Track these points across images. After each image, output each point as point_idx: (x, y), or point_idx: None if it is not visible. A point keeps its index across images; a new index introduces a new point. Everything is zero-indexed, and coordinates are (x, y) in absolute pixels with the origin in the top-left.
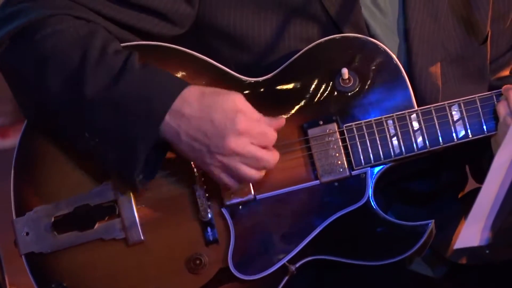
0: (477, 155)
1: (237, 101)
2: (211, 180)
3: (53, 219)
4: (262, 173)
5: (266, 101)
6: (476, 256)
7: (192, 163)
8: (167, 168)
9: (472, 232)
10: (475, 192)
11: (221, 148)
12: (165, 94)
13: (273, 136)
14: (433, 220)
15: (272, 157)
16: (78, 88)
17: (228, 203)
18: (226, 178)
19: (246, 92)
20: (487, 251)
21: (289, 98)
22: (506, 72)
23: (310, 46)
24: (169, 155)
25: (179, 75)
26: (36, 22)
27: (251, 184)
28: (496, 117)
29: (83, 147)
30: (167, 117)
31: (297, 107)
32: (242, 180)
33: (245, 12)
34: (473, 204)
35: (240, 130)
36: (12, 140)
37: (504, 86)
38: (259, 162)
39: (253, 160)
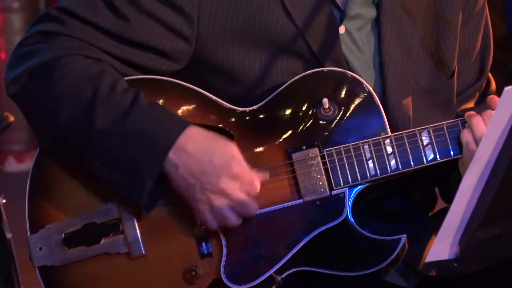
0: (445, 176)
1: (234, 150)
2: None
3: (63, 235)
4: (240, 220)
5: (255, 128)
6: (445, 268)
7: None
8: (167, 190)
9: (441, 247)
10: (444, 211)
11: (213, 186)
12: (169, 132)
13: (258, 187)
14: (405, 235)
15: (253, 205)
16: (90, 122)
17: (198, 233)
18: (209, 216)
19: (238, 120)
20: (455, 264)
21: (276, 125)
22: (471, 104)
23: (294, 78)
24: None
25: (178, 106)
26: (51, 61)
27: None
28: (461, 142)
29: (95, 174)
30: (171, 153)
31: (282, 133)
32: (222, 221)
33: (236, 50)
34: (442, 222)
35: (234, 174)
36: (27, 164)
37: (467, 113)
38: (242, 207)
39: (237, 204)
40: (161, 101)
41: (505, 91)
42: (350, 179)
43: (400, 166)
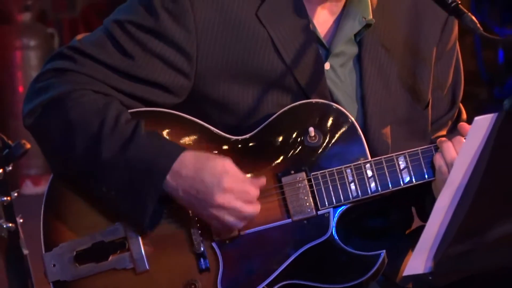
0: (421, 197)
1: (225, 164)
2: (203, 220)
3: (75, 253)
4: (245, 222)
5: (248, 155)
6: (421, 281)
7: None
8: (168, 210)
9: (418, 262)
10: (420, 229)
11: (210, 202)
12: (166, 158)
13: (255, 192)
14: (384, 251)
15: (252, 209)
16: (96, 150)
17: (217, 238)
18: (215, 225)
19: (232, 148)
20: (430, 278)
21: (266, 152)
22: (444, 132)
23: (283, 109)
24: (167, 203)
25: (177, 135)
26: (63, 95)
27: None
28: (434, 166)
29: (102, 197)
30: (168, 177)
31: (272, 159)
32: (226, 227)
33: (231, 85)
34: (418, 239)
35: (225, 188)
36: (42, 187)
37: (439, 139)
38: (241, 213)
39: (236, 212)
40: (162, 131)
41: (475, 121)
42: (334, 200)
43: (379, 188)
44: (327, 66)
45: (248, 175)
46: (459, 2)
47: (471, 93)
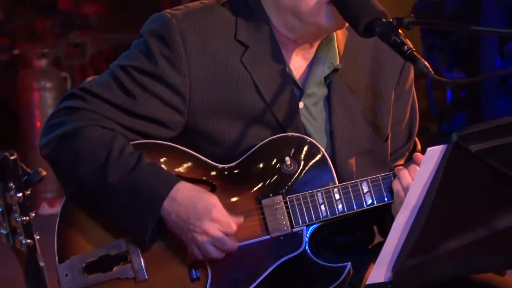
0: (381, 217)
1: (214, 199)
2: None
3: (84, 264)
4: (221, 254)
5: (233, 180)
6: None
7: None
8: (164, 229)
9: (379, 272)
10: (381, 244)
11: (197, 227)
12: (164, 186)
13: (234, 228)
14: (350, 263)
15: (231, 243)
16: (104, 178)
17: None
18: (196, 250)
19: (219, 174)
20: (390, 286)
21: (249, 178)
22: (402, 161)
23: (263, 141)
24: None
25: (173, 163)
26: (75, 130)
27: None
28: (393, 190)
29: (108, 216)
30: (165, 202)
31: (254, 184)
32: (206, 254)
33: (219, 120)
34: (379, 253)
35: (213, 217)
36: (57, 209)
37: (397, 167)
38: (222, 244)
39: (217, 241)
40: (160, 160)
41: (427, 151)
42: (307, 220)
43: (345, 209)
44: (301, 104)
45: (234, 199)
46: (414, 50)
47: (424, 127)
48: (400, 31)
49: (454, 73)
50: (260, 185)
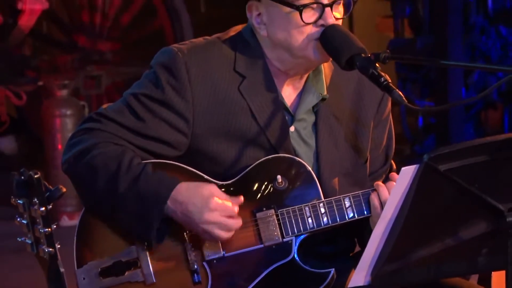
0: (361, 229)
1: (211, 188)
2: (196, 243)
3: (99, 269)
4: (231, 233)
5: (230, 196)
6: None
7: (184, 233)
8: (169, 235)
9: (359, 277)
10: (361, 252)
11: (201, 219)
12: (166, 188)
13: (234, 210)
14: (333, 269)
15: (235, 222)
16: (115, 185)
17: (207, 258)
18: (207, 237)
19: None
20: None
21: (245, 194)
22: (380, 181)
23: (258, 161)
24: (170, 227)
25: (175, 176)
26: (91, 147)
27: (221, 246)
28: (371, 205)
29: (119, 222)
30: (168, 202)
31: (249, 199)
32: (218, 239)
33: (218, 142)
34: (359, 260)
35: (211, 207)
36: (76, 221)
37: (376, 183)
38: (227, 226)
39: (222, 226)
40: (164, 172)
41: (402, 170)
42: (296, 231)
43: (330, 222)
44: (292, 129)
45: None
46: (390, 81)
47: (398, 149)
48: (377, 65)
49: (424, 101)
50: (254, 200)
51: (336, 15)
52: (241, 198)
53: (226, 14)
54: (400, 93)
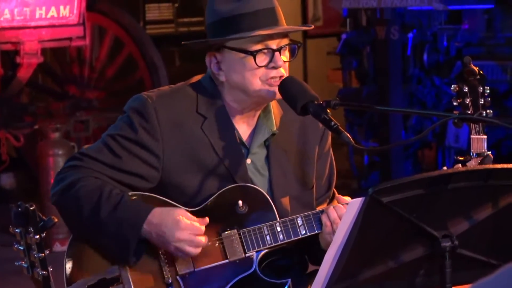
0: (312, 248)
1: (180, 212)
2: (170, 260)
3: (86, 287)
4: (199, 249)
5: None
6: None
7: (159, 251)
8: (146, 254)
9: None
10: (316, 271)
11: (173, 238)
12: (142, 213)
13: (201, 229)
14: (290, 279)
15: (202, 239)
16: (96, 214)
17: (180, 273)
18: (179, 254)
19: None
20: None
21: (211, 218)
22: (324, 205)
23: (221, 190)
24: (147, 247)
25: (150, 204)
26: (74, 181)
27: (192, 262)
28: (322, 223)
29: (103, 245)
30: (144, 225)
31: (215, 222)
32: (186, 254)
33: (185, 174)
34: (315, 277)
35: (181, 227)
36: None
37: (326, 206)
38: (195, 243)
39: (191, 243)
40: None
41: (350, 202)
42: (256, 247)
43: (285, 238)
44: (248, 161)
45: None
46: (339, 125)
47: (346, 184)
48: (328, 110)
49: (369, 142)
50: (219, 222)
51: (283, 58)
52: (207, 219)
53: (197, 67)
54: (348, 135)
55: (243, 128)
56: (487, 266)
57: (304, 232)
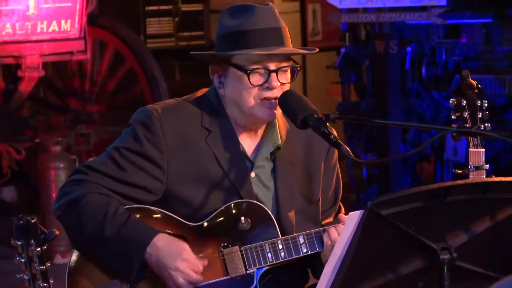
0: (313, 263)
1: (185, 246)
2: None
3: None
4: (190, 286)
5: (202, 235)
6: None
7: None
8: (148, 271)
9: None
10: (315, 285)
11: (171, 266)
12: (147, 237)
13: (200, 269)
14: None
15: (197, 277)
16: (101, 232)
17: None
18: (170, 283)
19: (191, 231)
20: None
21: (214, 234)
22: (330, 219)
23: (225, 205)
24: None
25: (155, 222)
26: (79, 196)
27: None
28: (323, 241)
29: (106, 261)
30: (148, 248)
31: (218, 238)
32: (176, 285)
33: (189, 187)
34: None
35: (184, 258)
36: (67, 259)
37: (327, 226)
38: (190, 278)
39: (187, 276)
40: (145, 219)
41: (349, 215)
42: (257, 264)
43: (287, 256)
44: (252, 174)
45: (202, 248)
46: (338, 138)
47: (345, 197)
48: (327, 124)
49: (368, 155)
50: (222, 238)
51: (282, 80)
52: (206, 262)
53: (197, 81)
54: (347, 148)
55: (247, 141)
56: (486, 278)
57: (305, 250)
